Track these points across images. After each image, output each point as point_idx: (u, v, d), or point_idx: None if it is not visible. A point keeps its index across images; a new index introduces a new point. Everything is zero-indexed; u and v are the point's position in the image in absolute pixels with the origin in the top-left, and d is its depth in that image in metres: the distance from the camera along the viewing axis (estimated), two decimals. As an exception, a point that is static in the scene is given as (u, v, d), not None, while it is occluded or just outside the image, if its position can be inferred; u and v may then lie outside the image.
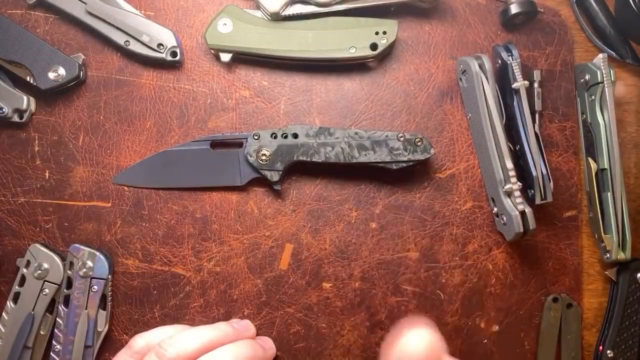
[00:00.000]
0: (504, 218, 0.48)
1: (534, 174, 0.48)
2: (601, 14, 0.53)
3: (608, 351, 0.50)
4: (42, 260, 0.48)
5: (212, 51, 0.51)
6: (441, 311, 0.50)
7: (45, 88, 0.49)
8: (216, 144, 0.50)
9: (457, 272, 0.51)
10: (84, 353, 0.48)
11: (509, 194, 0.48)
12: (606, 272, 0.51)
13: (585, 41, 0.53)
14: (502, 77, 0.50)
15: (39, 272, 0.48)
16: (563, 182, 0.52)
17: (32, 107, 0.51)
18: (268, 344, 0.48)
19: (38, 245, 0.49)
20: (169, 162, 0.50)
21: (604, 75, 0.49)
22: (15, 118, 0.50)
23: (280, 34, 0.50)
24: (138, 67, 0.51)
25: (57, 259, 0.48)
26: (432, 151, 0.49)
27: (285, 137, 0.49)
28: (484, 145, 0.49)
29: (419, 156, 0.48)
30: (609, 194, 0.49)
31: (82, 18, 0.50)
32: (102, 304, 0.48)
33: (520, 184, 0.48)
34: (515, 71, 0.48)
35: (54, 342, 0.48)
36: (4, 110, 0.49)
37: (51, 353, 0.48)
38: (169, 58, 0.50)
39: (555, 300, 0.51)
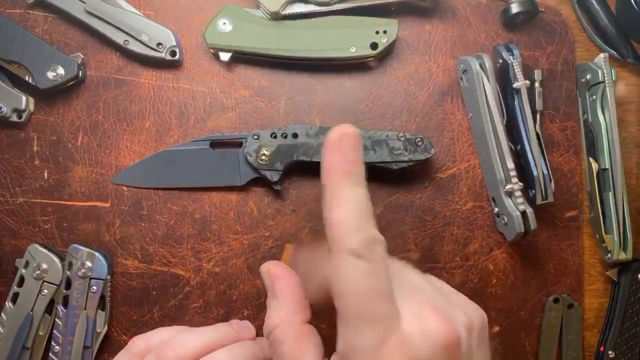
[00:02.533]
0: (505, 218, 0.48)
1: (535, 174, 0.48)
2: (602, 13, 0.52)
3: (609, 352, 0.50)
4: (41, 260, 0.48)
5: (212, 50, 0.51)
6: (442, 312, 0.50)
7: (44, 88, 0.49)
8: (216, 144, 0.50)
9: (457, 273, 0.51)
10: (83, 354, 0.48)
11: (510, 194, 0.48)
12: (607, 273, 0.51)
13: (586, 40, 0.53)
14: (503, 77, 0.50)
15: (38, 272, 0.48)
16: (564, 182, 0.52)
17: (31, 106, 0.50)
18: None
19: (37, 246, 0.49)
20: (168, 162, 0.50)
21: (605, 75, 0.49)
22: (14, 118, 0.50)
23: (280, 34, 0.50)
24: (137, 67, 0.51)
25: (56, 260, 0.48)
26: (433, 151, 0.48)
27: (285, 137, 0.48)
28: (484, 145, 0.49)
29: (420, 156, 0.48)
30: (610, 194, 0.49)
31: (81, 17, 0.50)
32: (101, 305, 0.48)
33: (521, 184, 0.48)
34: (516, 71, 0.48)
35: (52, 343, 0.48)
36: (2, 109, 0.49)
37: (50, 354, 0.48)
38: (168, 57, 0.50)
39: (556, 300, 0.50)
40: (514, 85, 0.48)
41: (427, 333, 0.29)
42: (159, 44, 0.50)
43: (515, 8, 0.50)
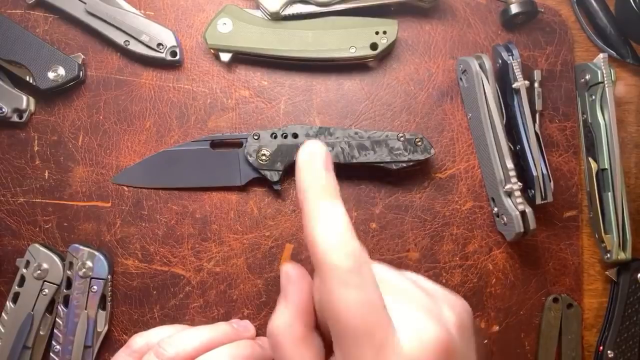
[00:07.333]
0: (504, 218, 0.48)
1: (534, 173, 0.48)
2: (601, 13, 0.53)
3: (608, 351, 0.50)
4: (42, 260, 0.48)
5: (212, 51, 0.51)
6: (441, 311, 0.50)
7: (45, 88, 0.49)
8: (216, 144, 0.50)
9: (457, 272, 0.51)
10: (83, 353, 0.48)
11: (509, 194, 0.48)
12: (607, 273, 0.51)
13: (585, 41, 0.53)
14: (503, 77, 0.50)
15: (39, 272, 0.48)
16: (563, 182, 0.52)
17: (32, 107, 0.51)
18: (267, 345, 0.47)
19: (37, 246, 0.49)
20: (168, 162, 0.50)
21: (605, 75, 0.49)
22: (15, 118, 0.50)
23: (280, 34, 0.50)
24: (138, 67, 0.51)
25: (57, 259, 0.48)
26: (432, 151, 0.48)
27: (285, 137, 0.49)
28: (484, 145, 0.49)
29: (419, 156, 0.48)
30: (610, 194, 0.49)
31: (82, 18, 0.50)
32: (102, 304, 0.48)
33: (521, 184, 0.48)
34: (515, 71, 0.48)
35: (53, 342, 0.48)
36: (3, 110, 0.49)
37: (51, 353, 0.48)
38: (169, 58, 0.50)
39: (555, 300, 0.51)
40: (514, 86, 0.48)
41: (423, 339, 0.28)
42: (159, 44, 0.50)
43: (514, 8, 0.50)
